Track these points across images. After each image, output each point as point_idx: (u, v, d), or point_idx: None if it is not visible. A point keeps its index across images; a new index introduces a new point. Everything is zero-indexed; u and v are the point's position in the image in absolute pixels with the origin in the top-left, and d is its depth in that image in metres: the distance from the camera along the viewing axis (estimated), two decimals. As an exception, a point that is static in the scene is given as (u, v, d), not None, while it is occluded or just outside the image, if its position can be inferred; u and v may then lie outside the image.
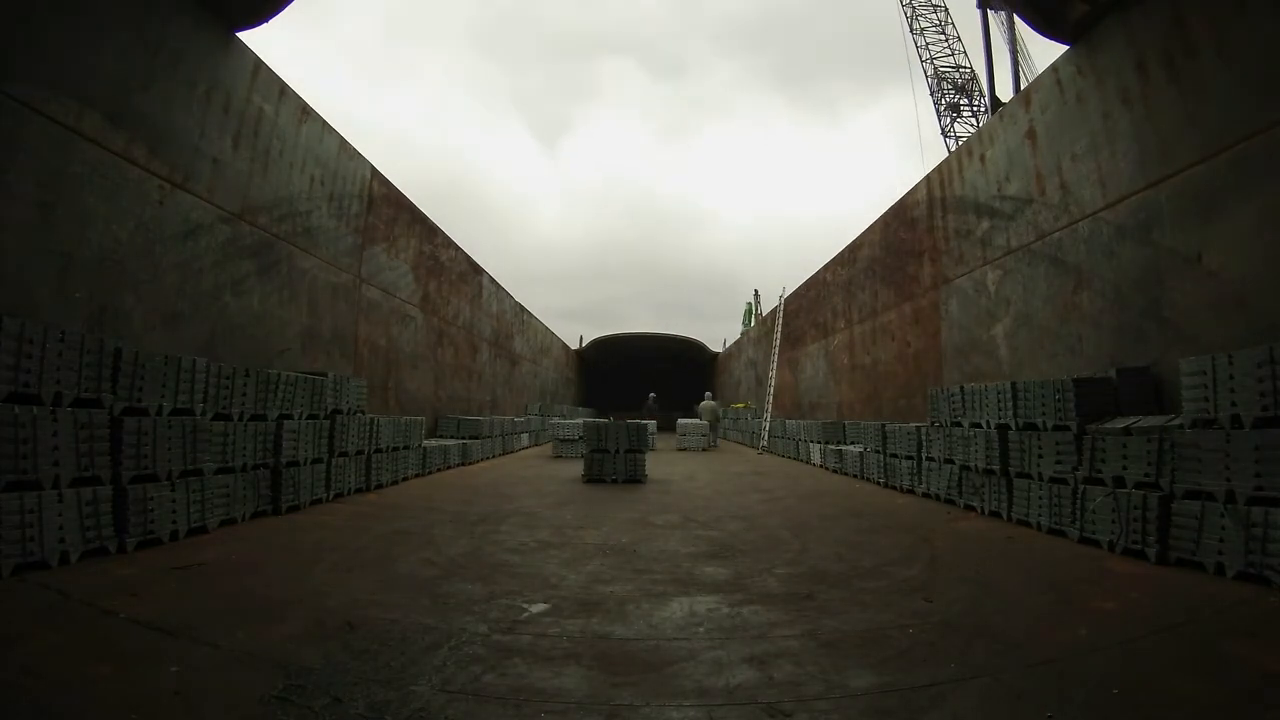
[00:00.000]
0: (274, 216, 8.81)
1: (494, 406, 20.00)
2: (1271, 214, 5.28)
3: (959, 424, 7.91)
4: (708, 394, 24.39)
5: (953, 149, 23.68)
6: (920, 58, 25.79)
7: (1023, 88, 9.62)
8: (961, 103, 25.06)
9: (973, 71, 24.91)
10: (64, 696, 2.57)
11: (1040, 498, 6.21)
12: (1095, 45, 7.21)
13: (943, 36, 25.37)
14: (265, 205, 8.62)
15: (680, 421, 20.78)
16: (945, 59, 25.37)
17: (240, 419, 6.37)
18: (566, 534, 6.23)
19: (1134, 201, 6.76)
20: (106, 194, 6.11)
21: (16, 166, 5.26)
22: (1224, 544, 4.40)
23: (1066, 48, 7.71)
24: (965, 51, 25.28)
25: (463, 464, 13.05)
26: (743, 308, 43.78)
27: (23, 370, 4.38)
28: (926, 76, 25.72)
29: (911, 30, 25.83)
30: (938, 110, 25.67)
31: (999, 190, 9.35)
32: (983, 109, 24.21)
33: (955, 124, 25.25)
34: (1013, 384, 6.96)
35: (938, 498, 8.22)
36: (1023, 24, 7.76)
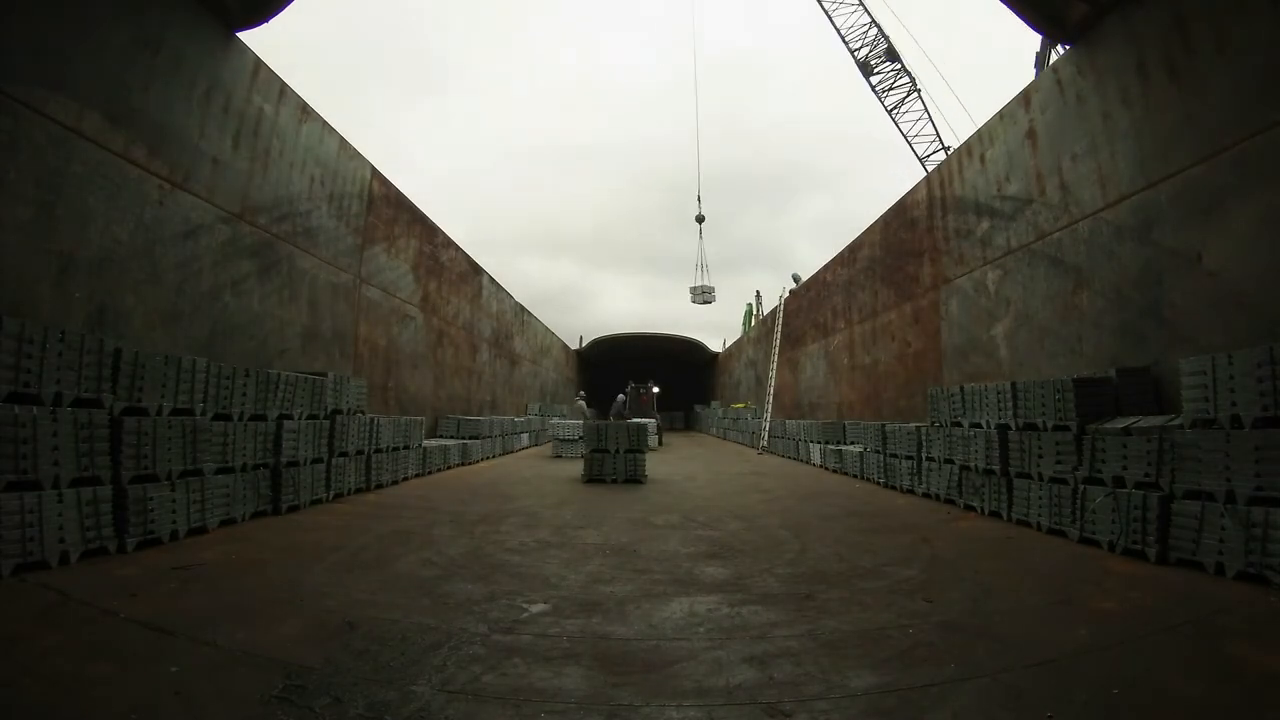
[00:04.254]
0: (274, 216, 8.81)
1: (494, 406, 20.00)
2: (1271, 214, 5.29)
3: (959, 424, 7.91)
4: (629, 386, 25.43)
5: (891, 106, 23.27)
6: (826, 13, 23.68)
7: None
8: (874, 63, 22.93)
9: (879, 34, 23.14)
10: (64, 696, 2.58)
11: (1040, 498, 6.21)
12: (1095, 45, 7.21)
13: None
14: (265, 205, 8.62)
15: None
16: (850, 17, 22.60)
17: (240, 419, 6.37)
18: (566, 534, 6.23)
19: (1134, 201, 6.76)
20: (106, 194, 6.11)
21: (16, 166, 5.26)
22: (1224, 544, 4.40)
23: (1067, 48, 7.72)
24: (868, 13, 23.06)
25: (463, 464, 13.05)
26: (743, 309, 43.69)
27: (23, 370, 4.38)
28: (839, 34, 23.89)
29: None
30: (863, 72, 23.89)
31: (999, 190, 9.35)
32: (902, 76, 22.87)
33: (885, 83, 23.54)
34: (1013, 384, 6.96)
35: (938, 498, 8.22)
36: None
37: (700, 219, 30.71)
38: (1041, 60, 15.41)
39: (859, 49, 23.09)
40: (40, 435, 4.37)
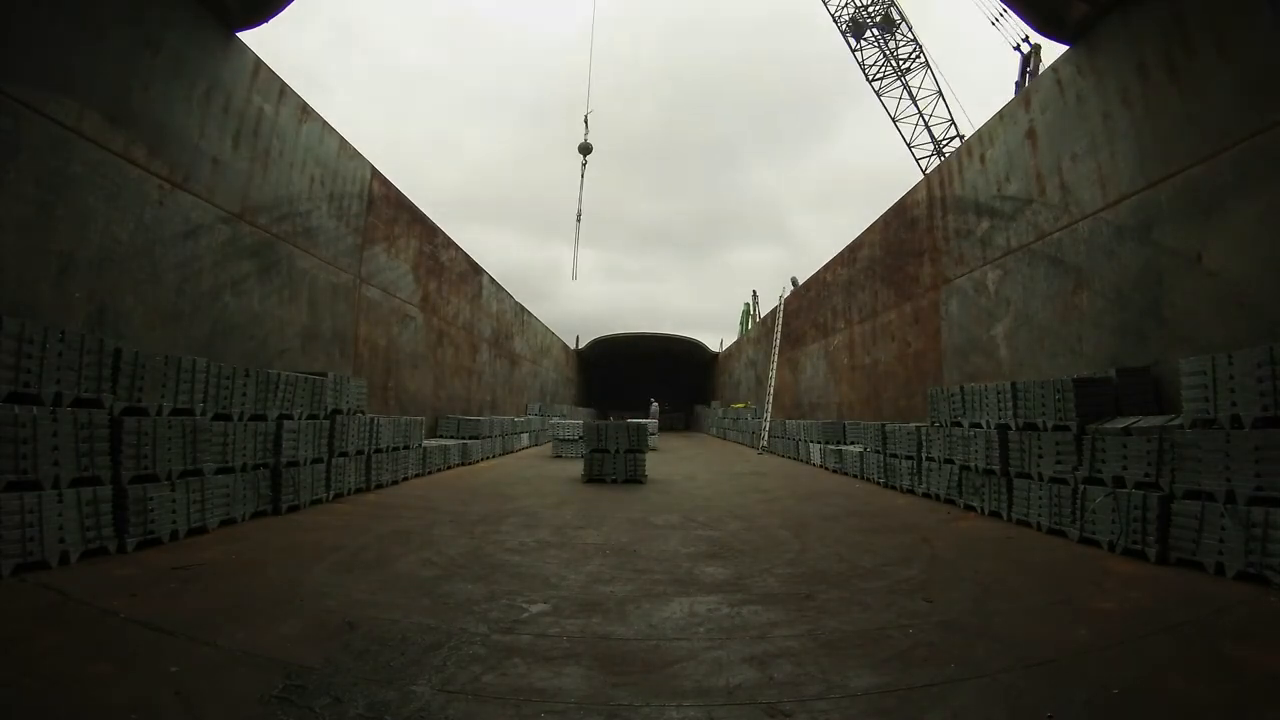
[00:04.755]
0: (274, 216, 8.81)
1: (494, 406, 20.00)
2: (1271, 214, 5.29)
3: (959, 424, 7.91)
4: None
5: (876, 89, 21.59)
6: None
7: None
8: (868, 33, 20.55)
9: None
10: (64, 696, 2.57)
11: (1040, 498, 6.21)
12: (1095, 45, 7.22)
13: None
14: (265, 205, 8.62)
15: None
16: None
17: (240, 419, 6.37)
18: (566, 534, 6.23)
19: (1134, 201, 6.76)
20: (106, 194, 6.11)
21: (16, 166, 5.26)
22: (1224, 544, 4.40)
23: (1066, 48, 7.72)
24: None
25: (463, 464, 13.05)
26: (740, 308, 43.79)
27: (23, 370, 4.38)
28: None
29: None
30: (849, 44, 21.09)
31: (999, 190, 9.35)
32: (907, 39, 20.69)
33: (874, 61, 20.93)
34: (1013, 384, 6.96)
35: (938, 498, 8.22)
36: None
37: (585, 150, 21.89)
38: (1024, 70, 15.29)
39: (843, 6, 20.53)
40: (40, 435, 4.37)
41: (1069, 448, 6.01)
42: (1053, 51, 8.34)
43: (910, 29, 21.28)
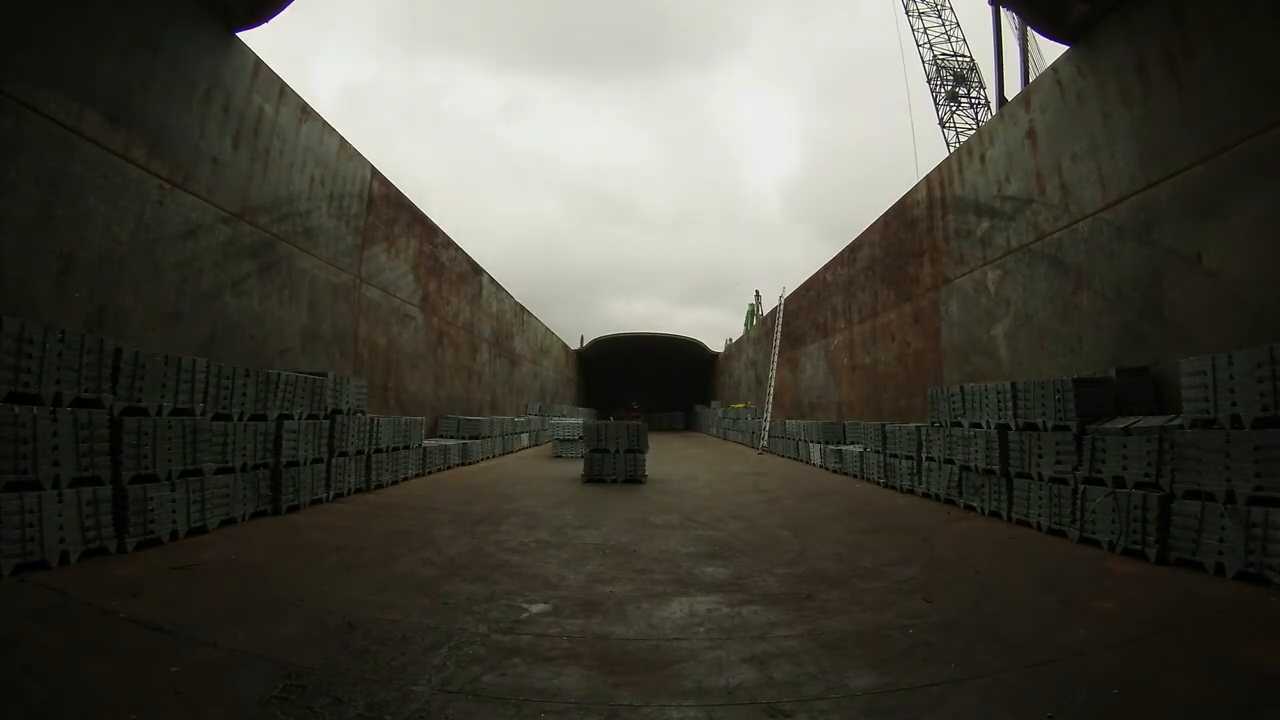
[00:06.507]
0: (274, 216, 8.81)
1: (494, 406, 19.99)
2: (1271, 214, 5.28)
3: (959, 424, 7.90)
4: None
5: (950, 139, 23.82)
6: (917, 43, 25.38)
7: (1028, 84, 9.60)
8: (960, 92, 24.87)
9: (972, 60, 24.69)
10: (64, 696, 2.57)
11: (1040, 498, 6.21)
12: (1095, 45, 7.21)
13: (940, 21, 24.93)
14: (265, 205, 8.61)
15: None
16: (943, 45, 24.93)
17: (240, 419, 6.37)
18: (566, 534, 6.23)
19: (1134, 201, 6.76)
20: (106, 194, 6.10)
21: (16, 166, 5.26)
22: (1224, 544, 4.40)
23: (1067, 47, 7.71)
24: (965, 39, 24.94)
25: (463, 464, 13.05)
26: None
27: (23, 370, 4.38)
28: (924, 63, 25.30)
29: (908, 13, 25.33)
30: (936, 100, 25.28)
31: (999, 190, 9.35)
32: (981, 100, 24.44)
33: (955, 115, 24.98)
34: (1013, 384, 6.96)
35: (938, 498, 8.22)
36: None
37: None
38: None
39: (943, 85, 24.64)
40: (40, 435, 4.37)
41: (1069, 448, 6.01)
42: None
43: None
